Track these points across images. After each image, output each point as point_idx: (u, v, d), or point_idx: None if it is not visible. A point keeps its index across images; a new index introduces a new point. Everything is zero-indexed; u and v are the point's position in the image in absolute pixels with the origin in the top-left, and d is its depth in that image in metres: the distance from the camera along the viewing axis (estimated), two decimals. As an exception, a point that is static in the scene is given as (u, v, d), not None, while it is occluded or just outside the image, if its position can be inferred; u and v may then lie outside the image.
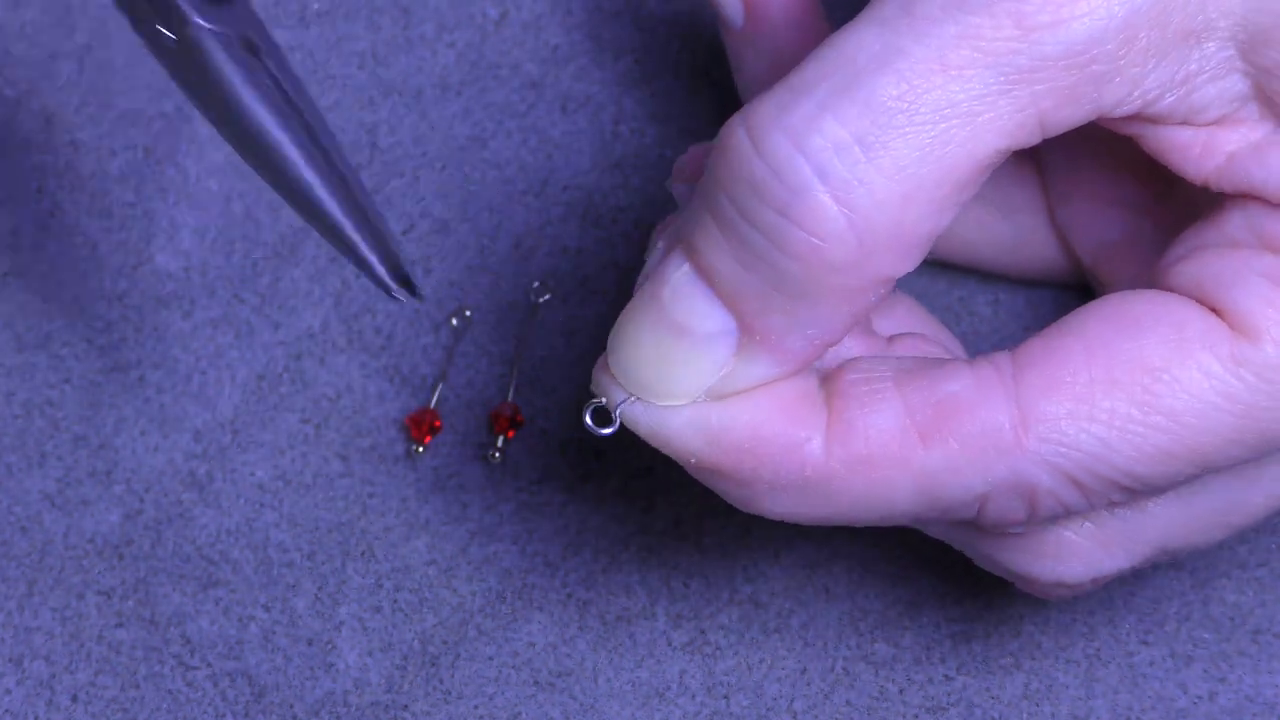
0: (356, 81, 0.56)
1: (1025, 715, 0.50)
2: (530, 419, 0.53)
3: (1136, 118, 0.40)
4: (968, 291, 0.54)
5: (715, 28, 0.56)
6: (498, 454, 0.53)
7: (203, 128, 0.56)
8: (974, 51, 0.38)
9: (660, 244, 0.42)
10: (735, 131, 0.39)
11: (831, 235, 0.38)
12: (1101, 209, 0.49)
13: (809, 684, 0.51)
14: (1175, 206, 0.47)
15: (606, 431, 0.42)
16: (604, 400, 0.42)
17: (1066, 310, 0.53)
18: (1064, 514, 0.42)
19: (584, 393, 0.53)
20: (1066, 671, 0.51)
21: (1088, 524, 0.43)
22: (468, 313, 0.54)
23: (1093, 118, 0.40)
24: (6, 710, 0.52)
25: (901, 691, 0.51)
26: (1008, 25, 0.38)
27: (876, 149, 0.38)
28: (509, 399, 0.53)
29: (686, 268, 0.40)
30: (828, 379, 0.41)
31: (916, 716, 0.51)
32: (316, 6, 0.57)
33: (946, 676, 0.51)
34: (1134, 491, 0.41)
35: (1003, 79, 0.38)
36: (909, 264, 0.39)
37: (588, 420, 0.42)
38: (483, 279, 0.54)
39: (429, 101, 0.56)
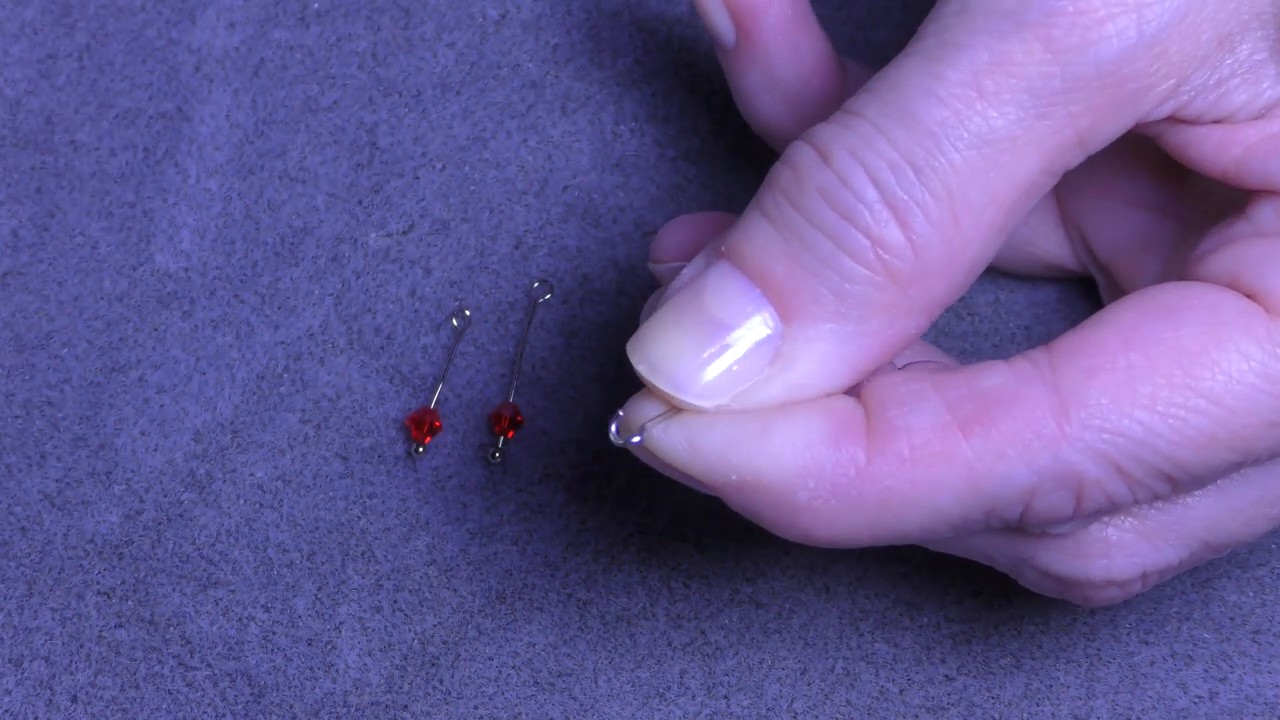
0: (356, 81, 0.56)
1: (1025, 715, 0.50)
2: (530, 419, 0.53)
3: (1167, 120, 0.41)
4: (969, 291, 0.54)
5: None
6: (498, 454, 0.53)
7: (203, 127, 0.56)
8: (1007, 76, 0.39)
9: (688, 270, 0.42)
10: (802, 148, 0.40)
11: (893, 247, 0.39)
12: (1115, 209, 0.49)
13: (809, 684, 0.51)
14: (1191, 206, 0.47)
15: (635, 440, 0.41)
16: (624, 415, 0.41)
17: (1068, 310, 0.53)
18: (1109, 508, 0.41)
19: (584, 393, 0.53)
20: (1066, 671, 0.51)
21: (1130, 520, 0.43)
22: (468, 313, 0.54)
23: (1130, 128, 0.40)
24: (6, 710, 0.52)
25: (901, 691, 0.51)
26: (1038, 49, 0.39)
27: (926, 171, 0.39)
28: (509, 399, 0.53)
29: (733, 271, 0.40)
30: (861, 392, 0.41)
31: (916, 716, 0.51)
32: (316, 6, 0.57)
33: (946, 676, 0.51)
34: (1177, 482, 0.41)
35: (1038, 102, 0.39)
36: (955, 292, 0.40)
37: (613, 429, 0.41)
38: (483, 279, 0.54)
39: (429, 101, 0.56)
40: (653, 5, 0.56)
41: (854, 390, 0.41)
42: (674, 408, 0.41)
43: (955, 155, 0.39)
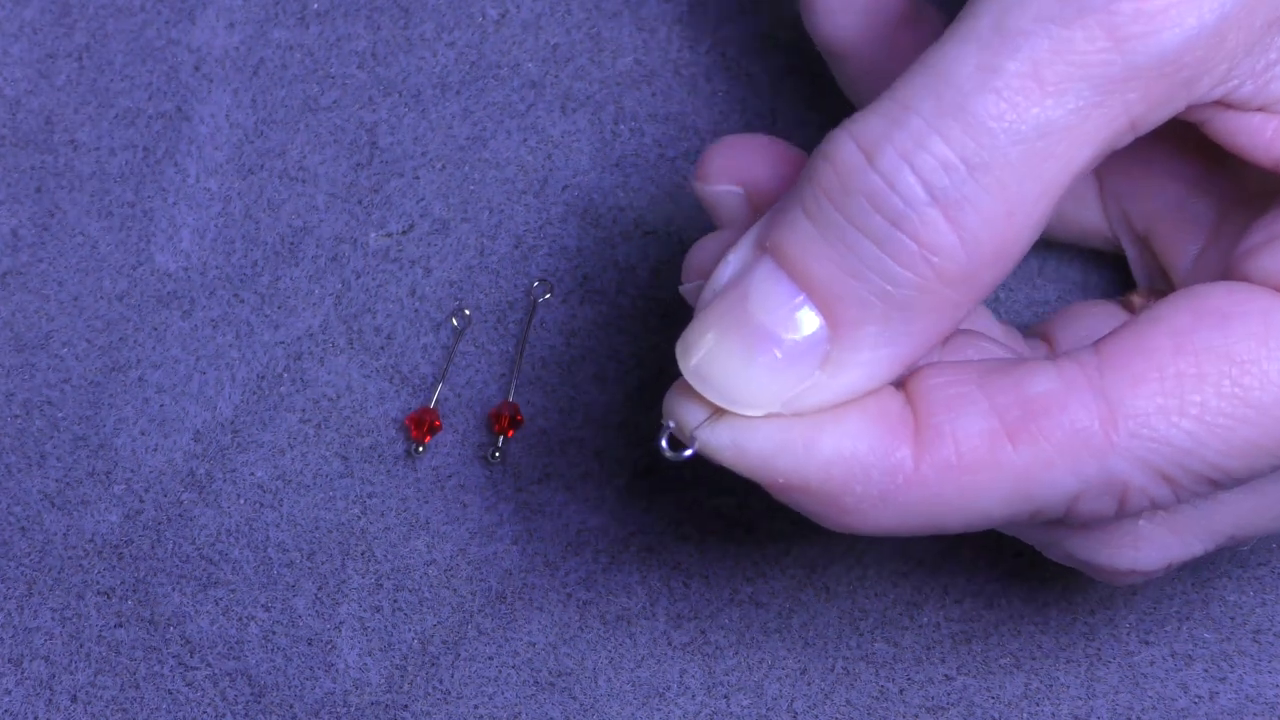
0: (356, 81, 0.56)
1: (1025, 715, 0.50)
2: (530, 419, 0.53)
3: (1215, 105, 0.40)
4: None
5: (715, 27, 0.56)
6: (498, 454, 0.53)
7: (202, 127, 0.56)
8: (1068, 66, 0.38)
9: (732, 258, 0.41)
10: (845, 144, 0.39)
11: (942, 249, 0.38)
12: (1155, 181, 0.49)
13: (809, 684, 0.51)
14: (1232, 184, 0.47)
15: (686, 454, 0.41)
16: (673, 424, 0.41)
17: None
18: (1152, 509, 0.41)
19: (584, 393, 0.53)
20: (1066, 671, 0.51)
21: (1161, 513, 0.43)
22: (467, 312, 0.54)
23: (1179, 113, 0.40)
24: (6, 710, 0.52)
25: (901, 691, 0.51)
26: (1100, 37, 0.38)
27: (981, 170, 0.38)
28: (509, 398, 0.53)
29: (777, 273, 0.40)
30: (907, 387, 0.41)
31: (916, 716, 0.51)
32: (316, 6, 0.57)
33: (946, 676, 0.51)
34: (1219, 485, 0.41)
35: (1096, 91, 0.38)
36: (1004, 275, 0.40)
37: (663, 444, 0.41)
38: (482, 278, 0.54)
39: (429, 101, 0.56)
40: (653, 5, 0.56)
41: (901, 379, 0.41)
42: (719, 409, 0.40)
43: (1012, 150, 0.38)
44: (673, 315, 0.54)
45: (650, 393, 0.53)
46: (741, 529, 0.52)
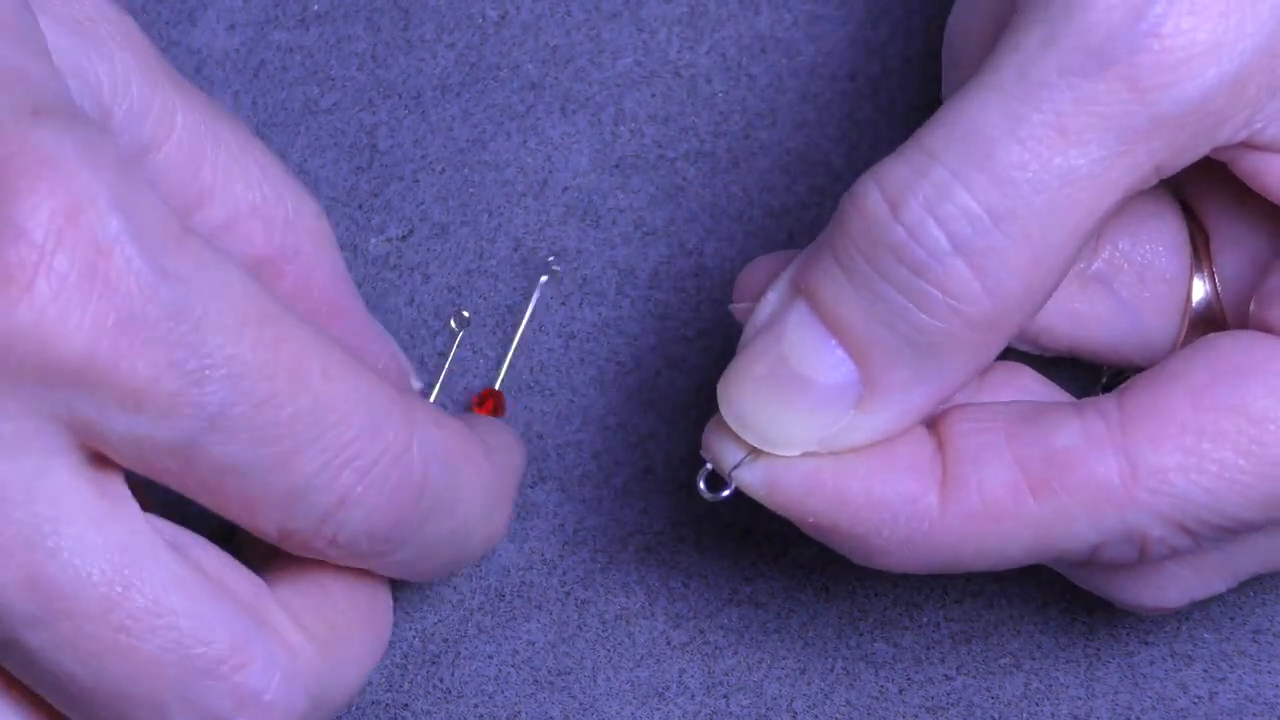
0: (356, 83, 0.56)
1: (1025, 715, 0.50)
2: (528, 422, 0.53)
3: (1240, 146, 0.41)
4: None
5: (715, 27, 0.56)
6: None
7: (203, 129, 0.56)
8: (1091, 117, 0.39)
9: (771, 296, 0.42)
10: (871, 192, 0.40)
11: (967, 297, 0.39)
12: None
13: (809, 684, 0.51)
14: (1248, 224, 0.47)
15: (724, 494, 0.43)
16: (713, 465, 0.43)
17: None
18: (1172, 555, 0.42)
19: (582, 395, 0.53)
20: (1066, 671, 0.51)
21: (1188, 555, 0.44)
22: (466, 314, 0.54)
23: (1205, 154, 0.41)
24: (5, 710, 0.52)
25: (901, 691, 0.51)
26: (1122, 90, 0.38)
27: (1006, 219, 0.39)
28: (496, 387, 0.53)
29: (810, 318, 0.41)
30: (938, 427, 0.42)
31: (916, 716, 0.50)
32: (316, 7, 0.57)
33: (946, 676, 0.51)
34: (1238, 533, 0.42)
35: (1120, 142, 0.39)
36: (1032, 316, 0.41)
37: (701, 485, 0.43)
38: (481, 282, 0.54)
39: (428, 103, 0.56)
40: (653, 5, 0.56)
41: (933, 418, 0.42)
42: (756, 449, 0.42)
43: (1036, 199, 0.39)
44: (673, 316, 0.54)
45: (649, 394, 0.53)
46: (741, 529, 0.52)
